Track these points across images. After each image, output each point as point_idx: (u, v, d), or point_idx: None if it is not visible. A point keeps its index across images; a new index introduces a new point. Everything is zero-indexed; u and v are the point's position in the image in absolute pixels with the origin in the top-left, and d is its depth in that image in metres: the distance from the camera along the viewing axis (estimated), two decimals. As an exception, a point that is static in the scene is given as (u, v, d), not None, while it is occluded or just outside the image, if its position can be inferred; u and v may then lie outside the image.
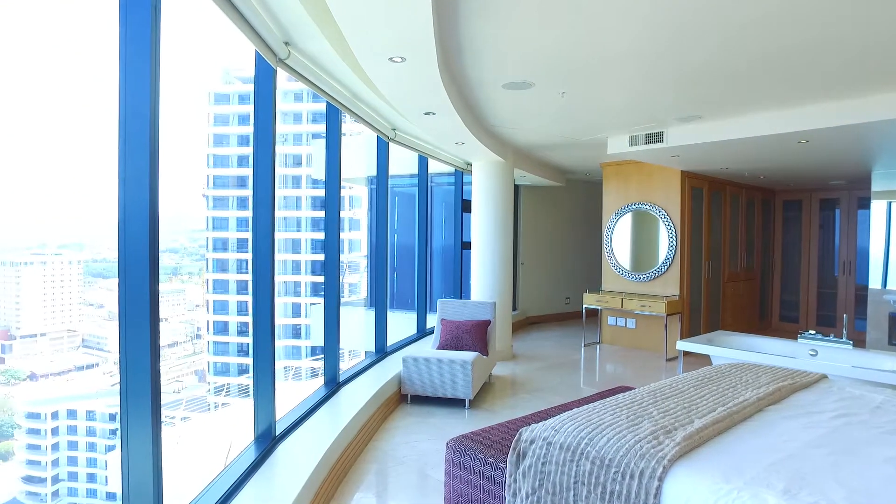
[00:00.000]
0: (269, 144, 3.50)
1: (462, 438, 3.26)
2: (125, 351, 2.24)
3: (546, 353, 8.15)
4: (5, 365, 49.31)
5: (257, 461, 3.36)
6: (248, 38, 3.21)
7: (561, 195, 11.05)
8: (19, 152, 65.91)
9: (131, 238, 2.23)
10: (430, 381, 5.38)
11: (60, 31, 75.46)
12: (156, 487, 2.33)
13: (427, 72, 3.67)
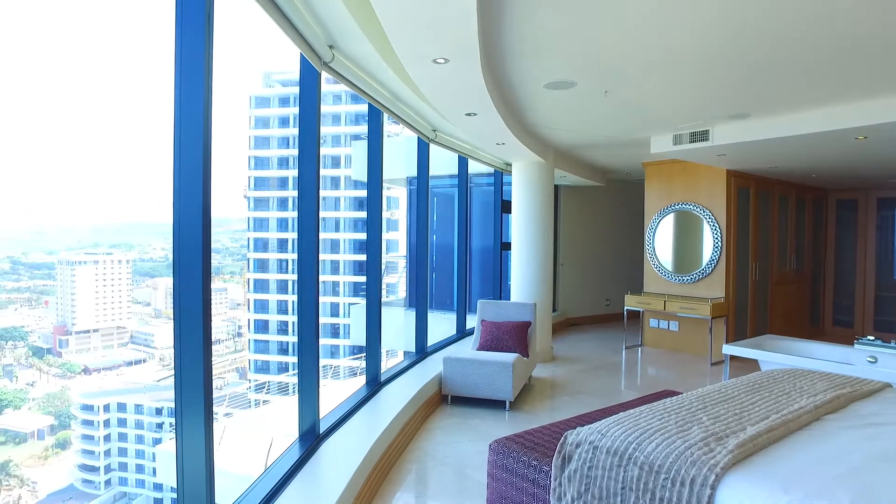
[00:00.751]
0: (313, 146, 3.56)
1: (505, 440, 3.25)
2: (180, 348, 2.31)
3: (586, 355, 8.04)
4: (62, 358, 51.51)
5: (301, 459, 3.42)
6: (294, 42, 3.28)
7: (601, 195, 10.88)
8: (76, 158, 67.98)
9: (185, 239, 2.30)
10: (470, 382, 5.37)
11: (119, 40, 77.68)
12: (208, 481, 2.40)
13: (470, 73, 3.66)
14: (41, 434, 44.62)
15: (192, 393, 2.31)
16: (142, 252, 64.93)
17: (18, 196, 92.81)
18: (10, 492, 37.72)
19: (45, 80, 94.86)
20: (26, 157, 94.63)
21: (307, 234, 3.52)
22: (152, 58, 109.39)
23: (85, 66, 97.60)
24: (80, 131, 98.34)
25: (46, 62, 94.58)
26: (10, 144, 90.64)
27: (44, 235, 66.41)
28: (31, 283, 57.81)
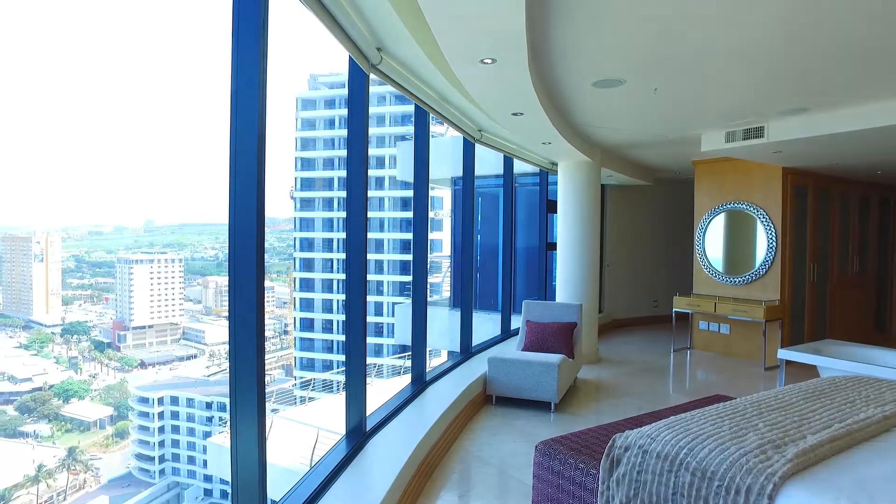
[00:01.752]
0: (361, 148, 3.62)
1: (551, 442, 3.22)
2: (234, 344, 2.38)
3: (633, 357, 7.88)
4: (121, 352, 53.87)
5: (348, 455, 3.47)
6: (343, 46, 3.34)
7: (648, 194, 10.64)
8: (132, 161, 70.94)
9: (240, 239, 2.36)
10: (515, 383, 5.35)
11: (176, 47, 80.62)
12: (260, 476, 2.47)
13: (517, 72, 3.65)
14: (102, 423, 46.90)
15: (245, 389, 2.39)
16: (193, 251, 67.48)
17: (80, 197, 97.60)
18: (76, 476, 39.95)
19: (102, 88, 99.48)
20: (87, 161, 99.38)
21: (355, 235, 3.58)
22: (206, 66, 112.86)
23: (139, 72, 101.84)
24: (135, 137, 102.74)
25: (103, 70, 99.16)
26: (71, 149, 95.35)
27: (102, 235, 69.70)
28: (93, 280, 60.85)
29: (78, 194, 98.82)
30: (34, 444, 40.99)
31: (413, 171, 4.96)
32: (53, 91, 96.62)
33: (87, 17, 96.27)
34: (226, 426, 9.14)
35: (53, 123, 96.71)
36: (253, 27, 2.39)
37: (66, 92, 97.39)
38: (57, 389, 46.21)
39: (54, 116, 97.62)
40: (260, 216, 2.35)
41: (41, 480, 37.68)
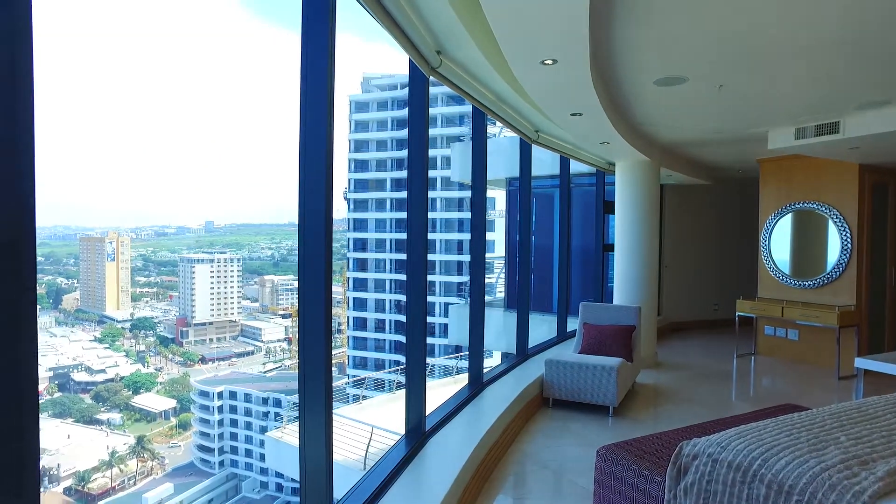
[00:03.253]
0: (422, 149, 3.66)
1: (614, 447, 3.16)
2: (303, 342, 2.45)
3: (693, 361, 7.63)
4: (183, 348, 56.30)
5: (408, 456, 3.51)
6: (404, 50, 3.39)
7: (709, 194, 10.28)
8: (193, 164, 74.13)
9: (309, 239, 2.43)
10: (572, 386, 5.28)
11: (239, 59, 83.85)
12: (327, 474, 2.53)
13: (578, 72, 3.61)
14: (167, 415, 49.21)
15: (314, 387, 2.45)
16: (250, 251, 69.86)
17: (147, 199, 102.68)
18: (144, 463, 42.27)
19: (169, 100, 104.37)
20: (154, 165, 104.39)
21: (416, 236, 3.62)
22: (267, 78, 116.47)
23: (204, 84, 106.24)
24: (198, 143, 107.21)
25: (169, 81, 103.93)
26: (140, 155, 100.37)
27: (167, 236, 73.06)
28: (159, 278, 63.91)
29: (146, 197, 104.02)
30: (108, 432, 43.52)
31: (470, 172, 4.97)
32: (126, 103, 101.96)
33: (151, 25, 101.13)
34: (282, 422, 9.42)
35: (123, 133, 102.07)
36: (321, 30, 2.46)
37: (137, 103, 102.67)
38: (127, 381, 48.88)
39: (124, 126, 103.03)
40: (328, 216, 2.41)
41: (114, 465, 40.03)
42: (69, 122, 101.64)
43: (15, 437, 1.04)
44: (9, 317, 1.03)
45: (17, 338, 1.04)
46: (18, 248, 1.05)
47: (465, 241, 42.48)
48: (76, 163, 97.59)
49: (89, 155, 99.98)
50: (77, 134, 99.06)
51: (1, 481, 1.02)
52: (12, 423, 1.04)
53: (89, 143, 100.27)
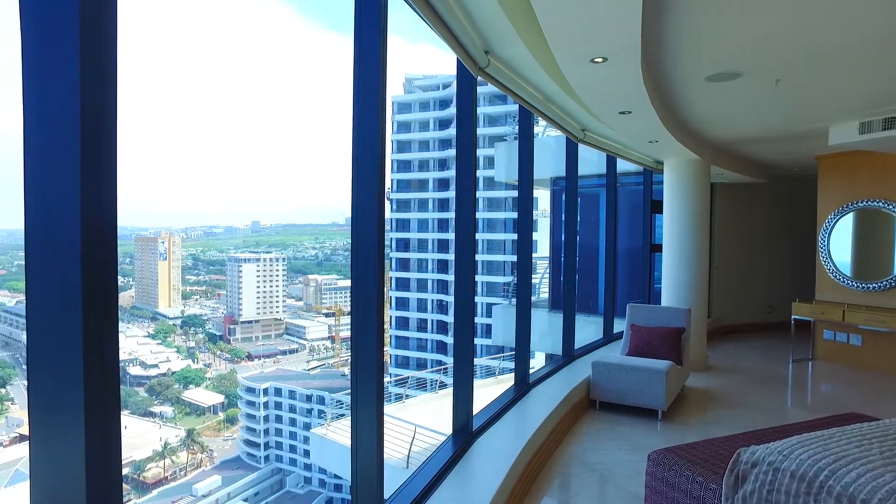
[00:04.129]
0: (470, 150, 3.66)
1: (665, 452, 3.09)
2: (356, 341, 2.48)
3: (745, 366, 7.38)
4: (230, 345, 57.80)
5: (455, 456, 3.51)
6: (453, 50, 3.39)
7: (762, 193, 9.92)
8: (241, 166, 76.03)
9: (362, 239, 2.46)
10: (620, 388, 5.19)
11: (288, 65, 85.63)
12: (378, 473, 2.56)
13: (628, 70, 3.54)
14: (215, 409, 50.80)
15: (366, 385, 2.48)
16: (295, 251, 71.40)
17: (197, 200, 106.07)
18: (194, 455, 43.88)
19: (219, 105, 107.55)
20: (203, 168, 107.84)
21: (464, 237, 3.63)
22: (315, 84, 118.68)
23: (252, 90, 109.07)
24: (244, 146, 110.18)
25: (220, 87, 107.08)
26: (190, 158, 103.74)
27: (215, 236, 75.38)
28: (208, 277, 66.03)
29: (196, 198, 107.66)
30: (160, 424, 45.26)
31: (515, 172, 4.94)
32: (178, 108, 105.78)
33: (205, 33, 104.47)
34: (326, 419, 9.59)
35: (175, 136, 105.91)
36: (373, 32, 2.49)
37: (188, 108, 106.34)
38: (178, 376, 50.71)
39: (176, 129, 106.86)
40: (380, 217, 2.43)
41: (166, 456, 41.64)
42: (123, 125, 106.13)
43: (103, 424, 1.10)
44: (99, 314, 1.09)
45: (102, 335, 1.10)
46: (106, 248, 1.11)
47: (508, 241, 42.29)
48: (131, 165, 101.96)
49: (144, 157, 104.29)
50: (131, 137, 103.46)
51: (93, 466, 1.08)
52: (103, 412, 1.10)
53: (144, 146, 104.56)
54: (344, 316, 58.37)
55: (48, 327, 1.09)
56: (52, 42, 1.09)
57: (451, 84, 48.16)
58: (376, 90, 2.41)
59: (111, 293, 1.10)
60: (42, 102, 1.08)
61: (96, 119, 1.09)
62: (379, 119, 2.42)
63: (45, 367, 1.10)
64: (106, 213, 1.11)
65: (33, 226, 1.08)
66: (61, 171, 1.06)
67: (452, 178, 38.16)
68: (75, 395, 1.05)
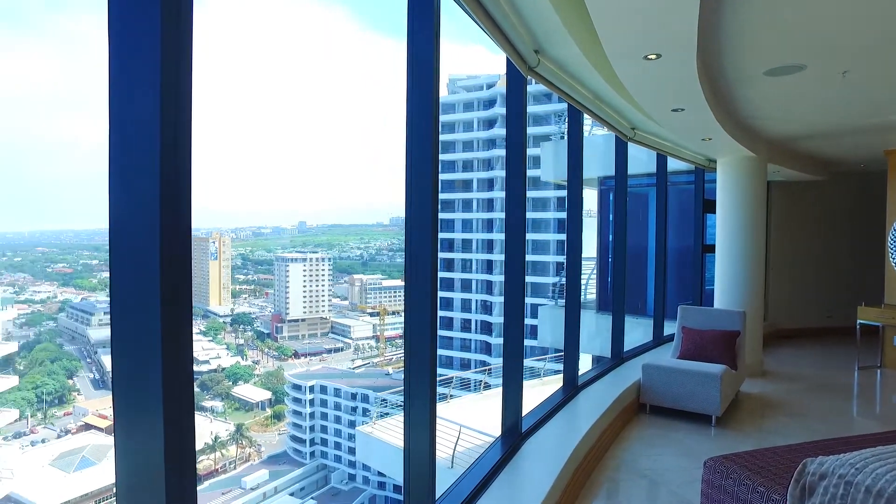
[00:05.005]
0: (520, 150, 3.64)
1: (723, 460, 2.99)
2: (410, 341, 2.50)
3: (804, 372, 7.07)
4: (278, 343, 59.29)
5: (505, 457, 3.49)
6: (503, 50, 3.38)
7: (823, 191, 9.48)
8: (288, 168, 78.06)
9: (416, 238, 2.47)
10: (671, 392, 5.06)
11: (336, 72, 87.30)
12: (430, 474, 2.57)
13: (682, 66, 3.45)
14: (263, 405, 52.20)
15: (419, 385, 2.50)
16: (341, 251, 72.65)
17: (246, 201, 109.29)
18: (243, 449, 45.31)
19: (269, 109, 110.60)
20: (250, 168, 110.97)
21: (514, 237, 3.61)
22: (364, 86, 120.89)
23: (303, 95, 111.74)
24: (292, 148, 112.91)
25: (271, 92, 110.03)
26: (237, 157, 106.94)
27: (263, 236, 77.41)
28: (256, 276, 67.91)
29: (245, 199, 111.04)
30: (211, 418, 46.86)
31: (560, 171, 4.88)
32: (228, 110, 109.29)
33: (260, 39, 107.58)
34: (372, 417, 9.71)
35: (225, 139, 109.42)
36: (426, 35, 2.50)
37: (238, 111, 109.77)
38: (228, 372, 52.37)
39: (225, 132, 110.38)
40: (434, 216, 2.44)
41: (217, 449, 43.10)
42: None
43: (180, 411, 1.16)
44: (176, 309, 1.14)
45: (179, 328, 1.15)
46: (181, 249, 1.16)
47: (553, 241, 41.84)
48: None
49: (197, 159, 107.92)
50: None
51: (171, 449, 1.14)
52: (180, 400, 1.16)
53: (197, 149, 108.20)
54: (388, 315, 59.03)
55: (131, 320, 1.16)
56: (135, 61, 1.17)
57: (494, 84, 48.01)
58: (429, 92, 2.43)
59: (185, 291, 1.15)
60: (125, 117, 1.15)
61: (174, 129, 1.15)
62: (432, 121, 2.43)
63: (128, 357, 1.17)
64: (182, 216, 1.17)
65: (117, 228, 1.14)
66: (143, 179, 1.12)
67: (496, 178, 38.03)
68: (154, 385, 1.11)
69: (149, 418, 1.12)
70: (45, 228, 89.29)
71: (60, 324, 61.23)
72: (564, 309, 4.85)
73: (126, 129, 1.14)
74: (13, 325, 51.40)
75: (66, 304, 62.37)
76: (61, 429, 47.39)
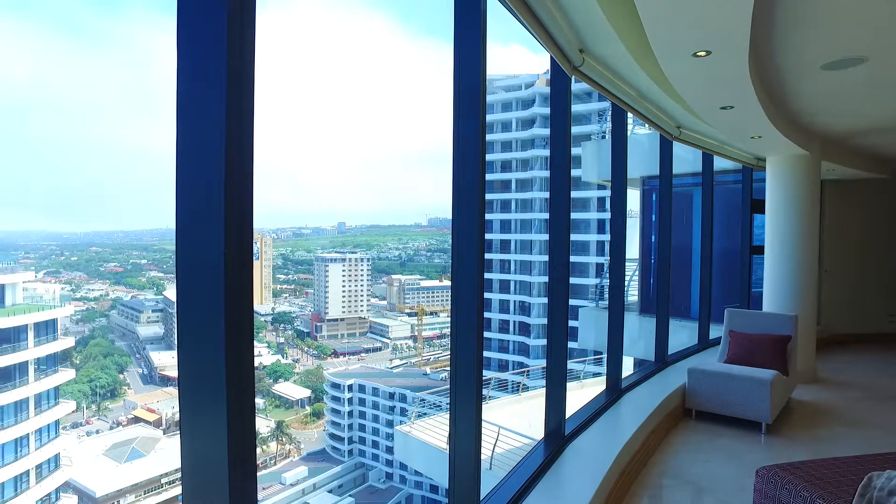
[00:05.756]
0: (565, 150, 3.61)
1: (778, 469, 2.89)
2: (456, 341, 2.50)
3: (863, 380, 6.76)
4: (317, 342, 60.33)
5: (548, 460, 3.46)
6: (548, 50, 3.35)
7: (883, 189, 9.03)
8: (328, 171, 79.41)
9: (463, 239, 2.48)
10: (719, 398, 4.92)
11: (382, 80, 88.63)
12: (475, 471, 2.57)
13: (733, 63, 3.35)
14: (302, 403, 53.19)
15: (465, 386, 2.50)
16: (379, 251, 73.48)
17: (286, 202, 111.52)
18: (283, 445, 46.30)
19: (311, 116, 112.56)
20: (291, 169, 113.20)
21: (559, 238, 3.58)
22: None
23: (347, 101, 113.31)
24: (330, 146, 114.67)
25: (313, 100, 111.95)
26: (279, 159, 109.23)
27: (303, 237, 78.90)
28: (296, 276, 69.30)
29: (286, 200, 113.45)
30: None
31: (601, 171, 4.81)
32: (270, 113, 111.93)
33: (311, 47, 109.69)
34: (410, 417, 9.78)
35: (265, 140, 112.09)
36: (473, 37, 2.51)
37: (277, 114, 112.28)
38: (268, 370, 53.55)
39: (264, 134, 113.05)
40: (481, 220, 2.44)
41: (258, 445, 44.31)
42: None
43: (243, 403, 1.20)
44: (239, 306, 1.19)
45: (241, 324, 1.19)
46: (244, 248, 1.20)
47: (593, 242, 41.28)
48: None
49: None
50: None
51: (234, 441, 1.18)
52: (243, 393, 1.20)
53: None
54: (426, 316, 59.39)
55: (196, 317, 1.20)
56: (202, 71, 1.22)
57: (533, 83, 47.67)
58: (477, 93, 2.43)
59: (248, 289, 1.19)
60: (193, 123, 1.21)
61: (238, 136, 1.19)
62: (479, 122, 2.44)
63: (194, 353, 1.21)
64: (245, 217, 1.21)
65: (184, 229, 1.19)
66: (209, 180, 1.17)
67: (535, 178, 37.70)
68: (218, 379, 1.15)
69: (214, 413, 1.16)
70: (98, 229, 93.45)
71: (112, 320, 63.85)
72: (608, 311, 4.78)
73: (193, 134, 1.19)
74: (70, 321, 53.79)
75: (118, 302, 65.00)
76: (113, 421, 49.47)
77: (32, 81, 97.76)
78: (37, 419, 24.61)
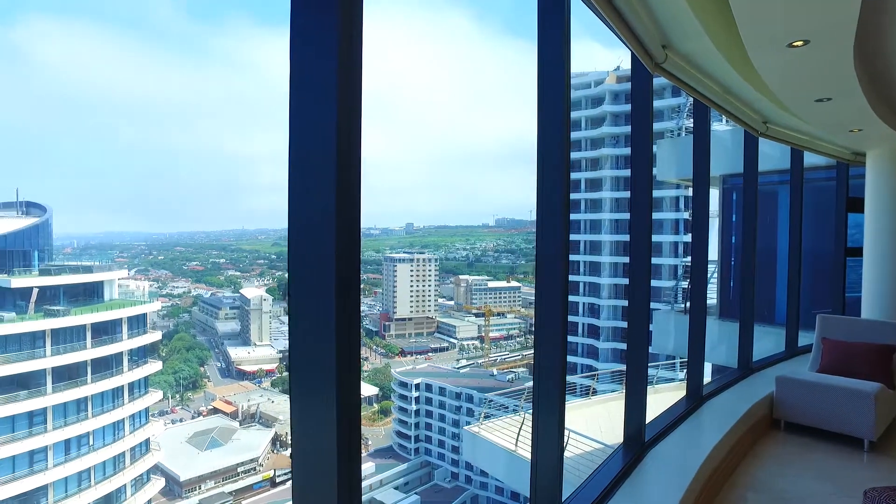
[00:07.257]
0: (646, 149, 3.51)
1: (890, 492, 2.69)
2: (539, 347, 2.49)
3: (976, 395, 6.15)
4: (385, 340, 61.73)
5: (628, 467, 3.37)
6: (630, 47, 3.27)
7: None
8: (395, 173, 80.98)
9: (546, 239, 2.46)
10: (811, 409, 4.62)
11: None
12: (557, 473, 2.54)
13: (835, 50, 3.16)
14: (371, 401, 54.36)
15: (548, 393, 2.48)
16: (447, 251, 73.92)
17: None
18: (351, 442, 47.58)
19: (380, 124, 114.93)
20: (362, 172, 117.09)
21: (639, 239, 3.48)
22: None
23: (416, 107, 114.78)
24: (399, 154, 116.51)
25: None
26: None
27: (373, 237, 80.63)
28: (365, 275, 70.92)
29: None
30: (323, 410, 49.77)
31: (688, 170, 4.64)
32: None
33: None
34: (479, 417, 9.81)
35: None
36: (556, 36, 2.49)
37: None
38: (338, 367, 55.06)
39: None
40: (565, 220, 2.41)
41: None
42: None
43: (350, 394, 1.26)
44: (347, 300, 1.24)
45: (350, 318, 1.25)
46: (352, 247, 1.26)
47: (667, 243, 39.83)
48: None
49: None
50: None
51: (342, 428, 1.24)
52: (349, 384, 1.26)
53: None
54: (493, 317, 59.25)
55: (307, 311, 1.28)
56: (313, 78, 1.29)
57: (602, 81, 46.52)
58: (561, 91, 2.41)
59: (355, 288, 1.24)
60: (305, 128, 1.28)
61: (347, 141, 1.25)
62: (563, 122, 2.42)
63: (306, 349, 1.28)
64: (354, 214, 1.26)
65: (296, 229, 1.25)
66: (321, 184, 1.23)
67: (605, 177, 36.81)
68: (329, 372, 1.22)
69: (325, 403, 1.23)
70: (182, 230, 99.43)
71: (193, 316, 67.75)
72: (689, 315, 4.60)
73: (305, 140, 1.25)
74: (157, 317, 57.63)
75: (199, 299, 68.90)
76: (194, 411, 52.54)
77: (139, 93, 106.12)
78: (130, 406, 26.72)
